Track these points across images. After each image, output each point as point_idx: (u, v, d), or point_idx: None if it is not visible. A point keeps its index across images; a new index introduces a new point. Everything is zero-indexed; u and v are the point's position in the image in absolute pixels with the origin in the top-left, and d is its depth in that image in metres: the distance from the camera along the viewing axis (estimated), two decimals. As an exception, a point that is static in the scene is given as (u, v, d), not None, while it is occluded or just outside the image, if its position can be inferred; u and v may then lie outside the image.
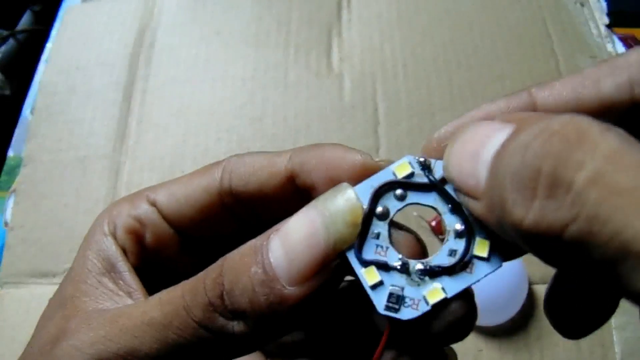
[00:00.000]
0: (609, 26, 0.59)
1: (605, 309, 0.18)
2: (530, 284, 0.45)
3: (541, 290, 0.45)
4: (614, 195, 0.11)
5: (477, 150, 0.15)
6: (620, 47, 0.57)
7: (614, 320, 0.44)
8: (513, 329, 0.44)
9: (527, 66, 0.56)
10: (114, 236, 0.21)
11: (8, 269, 0.52)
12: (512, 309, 0.43)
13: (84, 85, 0.61)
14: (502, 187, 0.13)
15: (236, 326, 0.17)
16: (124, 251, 0.21)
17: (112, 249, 0.21)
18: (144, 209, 0.22)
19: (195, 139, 0.56)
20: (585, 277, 0.14)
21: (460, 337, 0.18)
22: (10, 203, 0.56)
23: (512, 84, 0.55)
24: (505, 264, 0.17)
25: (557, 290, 0.18)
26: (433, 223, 0.47)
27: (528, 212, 0.12)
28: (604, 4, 0.60)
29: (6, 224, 0.55)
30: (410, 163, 0.18)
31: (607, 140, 0.12)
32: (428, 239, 0.48)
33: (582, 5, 0.60)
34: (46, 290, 0.50)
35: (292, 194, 0.20)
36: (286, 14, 0.63)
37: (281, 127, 0.56)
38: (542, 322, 0.44)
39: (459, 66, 0.57)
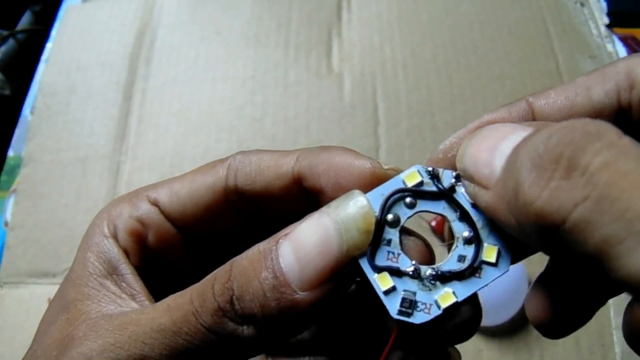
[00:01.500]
0: (609, 26, 0.59)
1: (588, 308, 0.19)
2: (530, 284, 0.45)
3: (541, 290, 0.45)
4: (623, 177, 0.12)
5: (496, 143, 0.16)
6: (620, 47, 0.57)
7: (613, 320, 0.44)
8: (513, 329, 0.44)
9: (527, 66, 0.56)
10: (115, 238, 0.21)
11: (8, 269, 0.52)
12: (512, 309, 0.43)
13: (84, 85, 0.61)
14: (519, 171, 0.14)
15: (246, 330, 0.17)
16: (126, 253, 0.21)
17: (113, 251, 0.20)
18: (145, 209, 0.21)
19: (195, 139, 0.56)
20: (579, 265, 0.14)
21: (466, 337, 0.18)
22: (10, 203, 0.56)
23: (512, 84, 0.55)
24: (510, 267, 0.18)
25: (542, 287, 0.19)
26: (433, 223, 0.47)
27: (543, 191, 0.13)
28: (604, 4, 0.60)
29: (6, 224, 0.55)
30: (419, 172, 0.18)
31: (623, 139, 0.13)
32: (428, 238, 0.48)
33: (582, 5, 0.60)
34: (46, 290, 0.50)
35: (299, 195, 0.20)
36: (286, 14, 0.63)
37: (281, 127, 0.56)
38: (542, 322, 0.44)
39: (459, 66, 0.57)
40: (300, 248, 0.17)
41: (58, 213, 0.54)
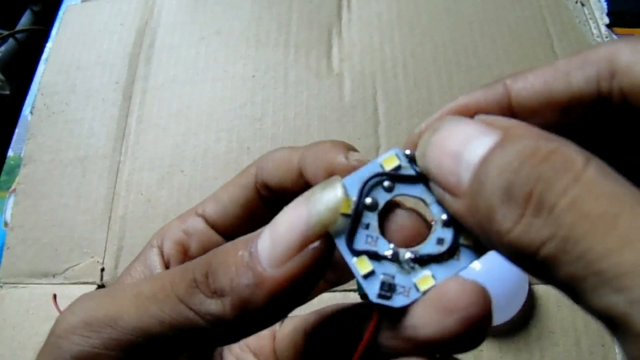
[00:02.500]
0: (609, 26, 0.59)
1: None
2: (530, 284, 0.45)
3: (541, 290, 0.45)
4: (585, 219, 0.12)
5: (459, 150, 0.16)
6: (620, 47, 0.57)
7: (614, 320, 0.44)
8: (513, 329, 0.44)
9: (527, 66, 0.55)
10: (160, 249, 0.23)
11: (8, 269, 0.52)
12: (512, 309, 0.43)
13: (84, 85, 0.61)
14: (491, 197, 0.14)
15: (214, 305, 0.17)
16: (169, 261, 0.22)
17: (153, 259, 0.22)
18: (191, 221, 0.23)
19: (195, 139, 0.56)
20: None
21: (475, 343, 0.17)
22: (10, 203, 0.56)
23: (512, 84, 0.55)
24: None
25: None
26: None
27: (515, 227, 0.14)
28: (604, 4, 0.60)
29: (6, 224, 0.55)
30: (397, 155, 0.19)
31: (588, 170, 0.13)
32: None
33: (582, 5, 0.60)
34: (46, 290, 0.50)
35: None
36: (286, 14, 0.63)
37: (281, 127, 0.56)
38: (542, 322, 0.44)
39: (459, 66, 0.57)
40: (275, 228, 0.17)
41: (58, 213, 0.54)
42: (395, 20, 0.61)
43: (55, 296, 0.48)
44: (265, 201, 0.22)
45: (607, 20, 0.59)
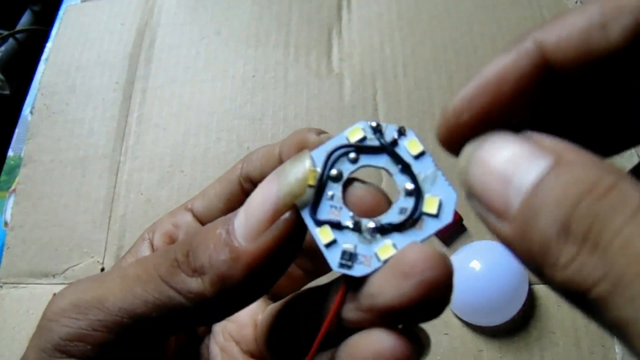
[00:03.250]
0: (609, 26, 0.58)
1: None
2: (530, 284, 0.45)
3: (541, 290, 0.45)
4: (637, 261, 0.12)
5: (508, 172, 0.15)
6: (620, 47, 0.57)
7: (614, 320, 0.44)
8: (513, 329, 0.44)
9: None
10: (151, 241, 0.23)
11: (8, 269, 0.52)
12: (512, 309, 0.43)
13: (84, 85, 0.61)
14: (547, 229, 0.13)
15: (194, 283, 0.18)
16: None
17: (143, 251, 0.23)
18: (181, 215, 0.24)
19: (195, 139, 0.56)
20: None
21: (436, 311, 0.17)
22: (10, 203, 0.56)
23: (512, 84, 0.55)
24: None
25: None
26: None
27: (571, 264, 0.13)
28: (604, 4, 0.60)
29: (6, 224, 0.55)
30: (363, 128, 0.19)
31: None
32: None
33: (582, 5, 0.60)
34: (46, 290, 0.50)
35: None
36: (286, 14, 0.63)
37: (281, 127, 0.56)
38: (542, 322, 0.44)
39: (459, 66, 0.57)
40: (249, 204, 0.18)
41: (58, 213, 0.54)
42: (395, 20, 0.61)
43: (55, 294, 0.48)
44: (247, 194, 0.23)
45: (607, 20, 0.59)
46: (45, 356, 0.18)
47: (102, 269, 0.51)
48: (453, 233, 0.48)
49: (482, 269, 0.42)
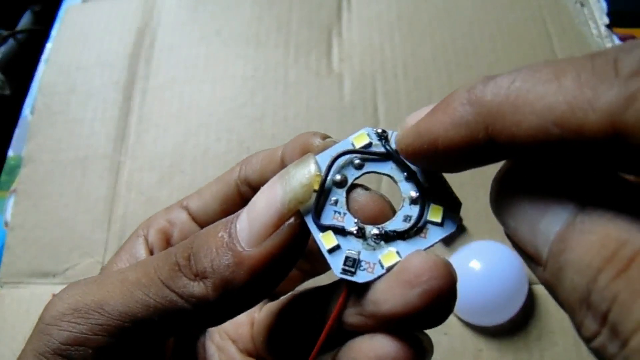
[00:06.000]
0: (609, 26, 0.59)
1: None
2: (530, 284, 0.45)
3: (541, 290, 0.45)
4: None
5: (533, 223, 0.14)
6: (620, 47, 0.57)
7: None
8: (513, 329, 0.44)
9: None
10: (146, 238, 0.23)
11: (8, 269, 0.52)
12: (512, 309, 0.43)
13: (84, 85, 0.61)
14: (570, 295, 0.13)
15: (196, 287, 0.17)
16: (153, 249, 0.23)
17: (138, 248, 0.23)
18: (176, 212, 0.24)
19: (195, 139, 0.56)
20: None
21: (440, 319, 0.17)
22: (10, 203, 0.56)
23: (512, 84, 0.55)
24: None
25: None
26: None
27: (594, 339, 0.13)
28: (604, 4, 0.60)
29: (6, 224, 0.55)
30: (368, 134, 0.19)
31: None
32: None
33: (582, 5, 0.60)
34: (46, 290, 0.50)
35: None
36: (286, 14, 0.63)
37: (281, 127, 0.56)
38: (542, 322, 0.44)
39: (459, 66, 0.57)
40: (253, 207, 0.18)
41: (58, 213, 0.54)
42: (395, 20, 0.61)
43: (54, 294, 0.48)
44: (244, 198, 0.23)
45: (606, 20, 0.59)
46: None
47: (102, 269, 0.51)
48: (453, 233, 0.48)
49: (482, 269, 0.42)
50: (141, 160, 0.56)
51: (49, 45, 0.66)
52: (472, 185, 0.50)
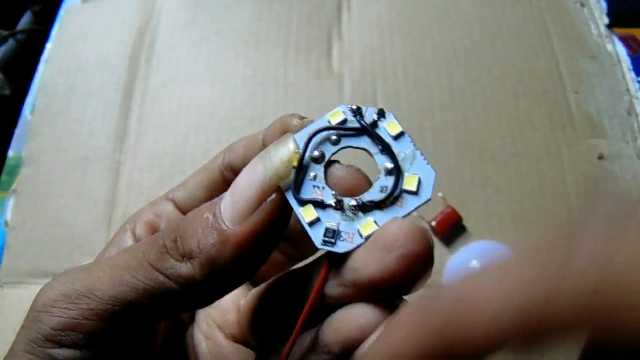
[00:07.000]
0: (609, 26, 0.59)
1: None
2: (530, 284, 0.45)
3: (541, 290, 0.45)
4: None
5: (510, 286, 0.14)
6: (620, 47, 0.57)
7: (614, 320, 0.44)
8: (513, 329, 0.44)
9: (527, 66, 0.56)
10: (133, 231, 0.23)
11: (8, 269, 0.52)
12: (512, 309, 0.43)
13: (84, 85, 0.61)
14: None
15: (184, 267, 0.18)
16: (139, 241, 0.23)
17: (126, 241, 0.23)
18: (162, 204, 0.25)
19: (195, 139, 0.56)
20: None
21: (418, 281, 0.17)
22: (10, 203, 0.56)
23: (512, 84, 0.55)
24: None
25: None
26: (433, 223, 0.47)
27: None
28: (604, 4, 0.60)
29: (6, 224, 0.55)
30: (343, 111, 0.19)
31: None
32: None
33: (582, 5, 0.60)
34: (46, 290, 0.50)
35: None
36: (286, 14, 0.63)
37: (281, 127, 0.56)
38: (542, 322, 0.44)
39: (459, 66, 0.57)
40: (235, 187, 0.18)
41: (58, 213, 0.54)
42: (395, 20, 0.61)
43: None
44: (229, 184, 0.23)
45: (607, 20, 0.59)
46: (35, 347, 0.18)
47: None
48: (453, 233, 0.48)
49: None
50: (141, 160, 0.56)
51: (49, 45, 0.66)
52: (472, 185, 0.50)
